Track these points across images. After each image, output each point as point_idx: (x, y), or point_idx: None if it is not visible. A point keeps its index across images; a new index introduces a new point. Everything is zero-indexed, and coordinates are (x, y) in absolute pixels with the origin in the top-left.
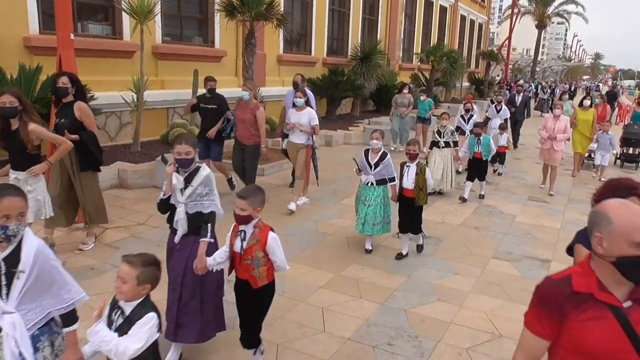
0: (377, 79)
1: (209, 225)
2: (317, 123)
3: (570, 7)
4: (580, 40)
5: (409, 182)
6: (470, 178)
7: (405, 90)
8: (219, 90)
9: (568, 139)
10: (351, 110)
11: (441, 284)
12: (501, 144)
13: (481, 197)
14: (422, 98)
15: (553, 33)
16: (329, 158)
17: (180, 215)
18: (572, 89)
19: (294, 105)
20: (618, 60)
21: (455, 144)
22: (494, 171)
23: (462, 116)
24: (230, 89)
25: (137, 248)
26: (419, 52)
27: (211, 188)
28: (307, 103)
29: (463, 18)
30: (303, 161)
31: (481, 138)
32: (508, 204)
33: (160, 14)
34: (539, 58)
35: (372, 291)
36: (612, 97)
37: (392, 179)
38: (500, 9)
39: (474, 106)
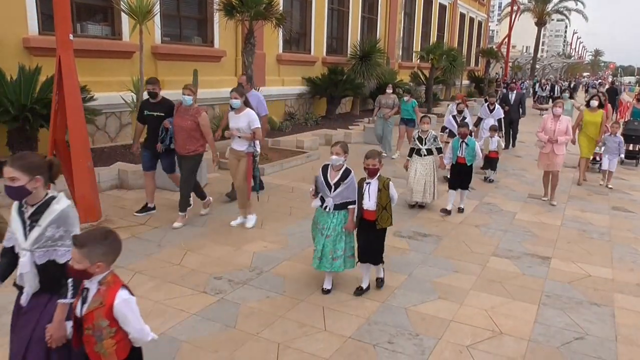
0: (377, 78)
1: (70, 280)
2: (259, 126)
3: (570, 4)
4: (580, 37)
5: (370, 203)
6: (452, 186)
7: (389, 90)
8: (217, 90)
9: (573, 142)
10: (351, 109)
11: (442, 282)
12: (492, 148)
13: (460, 210)
14: (405, 98)
15: (553, 30)
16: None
17: (25, 268)
18: (572, 85)
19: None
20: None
21: (439, 150)
22: (485, 179)
23: (453, 116)
24: (229, 89)
25: (137, 248)
26: (419, 50)
27: (68, 229)
28: (247, 104)
29: (462, 16)
30: (243, 171)
31: (466, 140)
32: (508, 202)
33: (159, 14)
34: (538, 55)
35: (373, 289)
36: (613, 93)
37: (353, 202)
38: (499, 7)
39: (462, 106)
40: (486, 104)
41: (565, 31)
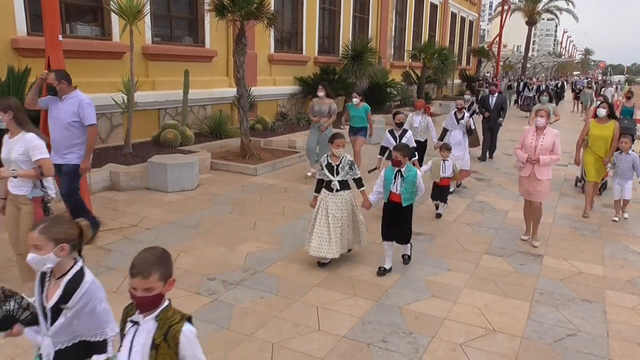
0: (369, 77)
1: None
2: (45, 156)
3: (560, 4)
4: (570, 36)
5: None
6: (387, 237)
7: (321, 93)
8: (209, 91)
9: (577, 163)
10: (343, 108)
11: (435, 281)
12: (445, 174)
13: (405, 261)
14: (354, 101)
15: (543, 29)
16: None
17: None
18: (559, 85)
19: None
20: (608, 55)
21: (359, 182)
22: (437, 214)
23: (391, 132)
24: (221, 89)
25: (129, 250)
26: (410, 49)
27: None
28: (19, 122)
29: (454, 15)
30: (26, 228)
31: (403, 170)
32: (500, 200)
33: (149, 14)
34: (529, 54)
35: (366, 289)
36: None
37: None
38: (490, 6)
39: (425, 116)
40: (453, 111)
41: (556, 30)
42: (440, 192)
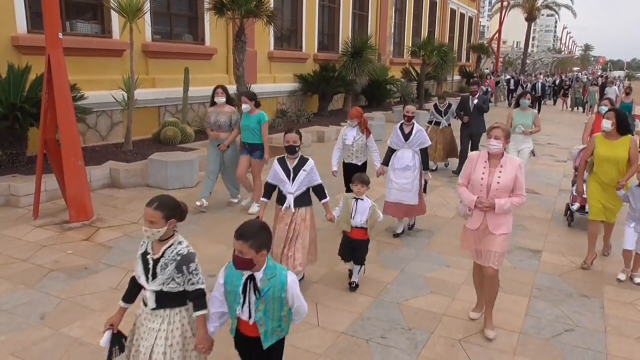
0: (369, 74)
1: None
2: None
3: (560, 0)
4: (570, 32)
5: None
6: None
7: (221, 98)
8: (209, 88)
9: (578, 197)
10: (343, 105)
11: (434, 277)
12: (357, 223)
13: (352, 286)
14: (244, 107)
15: (543, 25)
16: (322, 153)
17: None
18: (557, 82)
19: None
20: (607, 51)
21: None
22: (351, 285)
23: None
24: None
25: (130, 247)
26: (410, 46)
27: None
28: None
29: (453, 12)
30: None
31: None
32: None
33: (149, 11)
34: (529, 50)
35: (366, 285)
36: (602, 89)
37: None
38: (490, 2)
39: (365, 129)
40: (399, 124)
41: (555, 26)
42: (352, 249)
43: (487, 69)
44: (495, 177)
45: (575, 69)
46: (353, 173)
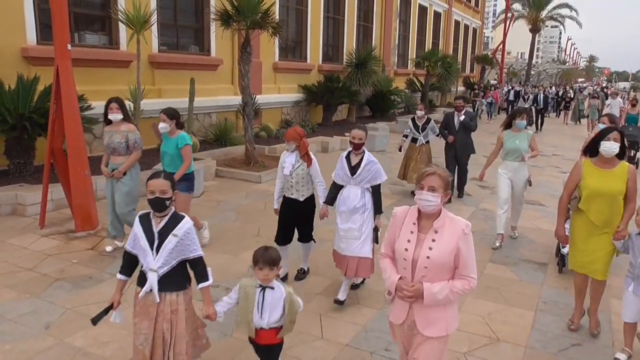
0: (373, 85)
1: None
2: None
3: (564, 11)
4: (574, 43)
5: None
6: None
7: (117, 115)
8: (214, 99)
9: (564, 236)
10: (347, 116)
11: None
12: (262, 321)
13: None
14: (161, 126)
15: (547, 36)
16: (326, 164)
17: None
18: (560, 94)
19: None
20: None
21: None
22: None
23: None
24: (226, 97)
25: None
26: (414, 57)
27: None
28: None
29: (457, 23)
30: None
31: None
32: None
33: (156, 23)
34: (533, 61)
35: (370, 297)
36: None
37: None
38: (494, 14)
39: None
40: (346, 152)
41: (560, 37)
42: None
43: (494, 80)
44: (425, 249)
45: (580, 80)
46: (293, 213)
